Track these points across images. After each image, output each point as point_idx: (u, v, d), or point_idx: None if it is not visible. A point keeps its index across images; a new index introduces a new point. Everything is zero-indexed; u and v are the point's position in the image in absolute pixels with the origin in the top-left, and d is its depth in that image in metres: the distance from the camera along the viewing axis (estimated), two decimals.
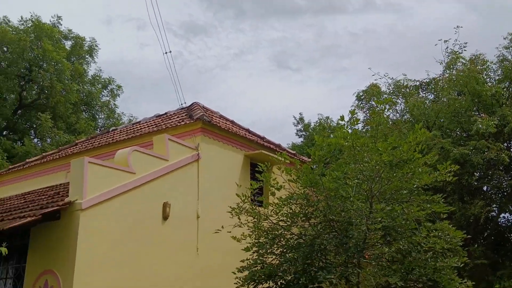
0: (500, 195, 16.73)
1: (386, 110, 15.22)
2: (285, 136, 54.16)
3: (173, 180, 9.70)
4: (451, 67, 15.89)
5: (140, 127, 13.02)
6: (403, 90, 17.04)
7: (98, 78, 26.37)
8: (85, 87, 25.31)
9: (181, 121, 11.23)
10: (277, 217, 6.80)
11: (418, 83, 17.34)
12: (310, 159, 9.16)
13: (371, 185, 6.43)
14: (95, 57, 26.08)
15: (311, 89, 51.98)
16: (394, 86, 17.24)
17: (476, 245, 15.48)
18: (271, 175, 7.42)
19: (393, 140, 6.55)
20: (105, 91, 26.75)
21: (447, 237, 6.60)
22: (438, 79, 16.44)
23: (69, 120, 23.56)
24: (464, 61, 15.56)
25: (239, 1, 53.62)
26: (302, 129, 28.02)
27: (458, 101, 14.98)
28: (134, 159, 9.03)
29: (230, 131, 11.34)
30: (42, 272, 7.95)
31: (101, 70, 26.66)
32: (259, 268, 6.69)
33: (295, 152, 14.52)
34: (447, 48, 16.07)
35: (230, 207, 6.74)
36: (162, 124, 11.88)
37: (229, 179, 10.71)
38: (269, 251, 6.69)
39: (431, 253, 6.46)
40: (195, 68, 52.84)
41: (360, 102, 18.28)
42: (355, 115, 7.45)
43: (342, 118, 6.65)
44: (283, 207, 6.75)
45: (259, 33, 54.24)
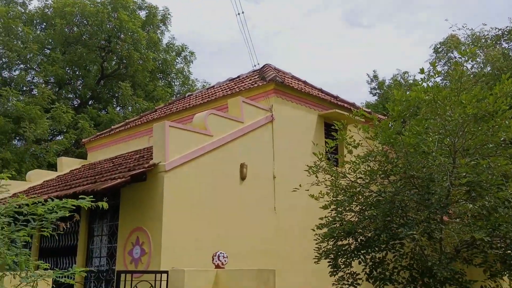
0: None
1: (467, 62, 14.28)
2: (359, 96, 52.83)
3: (249, 141, 9.90)
4: None
5: (214, 91, 13.31)
6: (483, 40, 15.85)
7: (172, 46, 27.07)
8: (160, 55, 26.12)
9: (254, 83, 11.32)
10: (355, 175, 6.76)
11: (500, 32, 16.03)
12: (386, 117, 8.93)
13: (454, 139, 6.17)
14: (168, 26, 26.72)
15: (384, 46, 49.86)
16: (473, 37, 16.08)
17: None
18: (347, 134, 7.33)
19: (478, 92, 6.19)
20: (179, 58, 27.45)
21: None
22: None
23: (147, 88, 24.58)
24: None
25: None
26: (376, 87, 27.15)
27: None
28: (210, 122, 9.30)
29: (303, 91, 11.27)
30: (133, 229, 8.57)
31: (174, 38, 27.36)
32: (338, 225, 6.74)
33: (370, 110, 14.17)
34: None
35: (307, 165, 6.79)
36: (235, 87, 12.05)
37: (303, 139, 10.75)
38: (347, 208, 6.70)
39: None
40: (264, 31, 52.47)
41: (437, 55, 17.29)
42: (435, 67, 7.06)
43: (422, 71, 6.37)
44: (361, 165, 6.68)
45: None
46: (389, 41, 50.08)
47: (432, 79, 6.34)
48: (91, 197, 4.19)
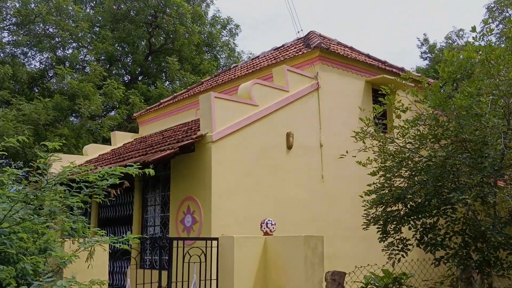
0: None
1: None
2: (409, 62, 50.96)
3: (295, 110, 9.85)
4: None
5: (259, 61, 13.24)
6: None
7: (217, 19, 27.06)
8: (206, 29, 26.20)
9: (298, 51, 11.16)
10: (404, 140, 6.58)
11: None
12: (436, 80, 8.58)
13: (508, 100, 5.85)
14: None
15: (434, 10, 47.47)
16: None
17: None
18: (395, 98, 7.12)
19: None
20: (224, 31, 27.43)
21: None
22: None
23: (194, 61, 24.82)
24: None
25: None
26: (427, 51, 26.05)
27: None
28: (255, 92, 9.30)
29: (349, 57, 11.01)
30: (184, 199, 8.83)
31: (219, 11, 27.32)
32: (387, 191, 6.63)
33: (420, 75, 13.67)
34: None
35: (354, 131, 6.68)
36: (280, 56, 11.93)
37: (350, 107, 10.55)
38: (396, 174, 6.57)
39: None
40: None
41: (491, 14, 16.28)
42: (488, 25, 6.67)
43: (473, 29, 6.03)
44: (410, 130, 6.49)
45: None
46: (441, 4, 47.64)
47: (485, 37, 5.96)
48: (138, 164, 4.32)
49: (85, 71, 22.97)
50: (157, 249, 9.61)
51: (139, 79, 24.90)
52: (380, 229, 6.54)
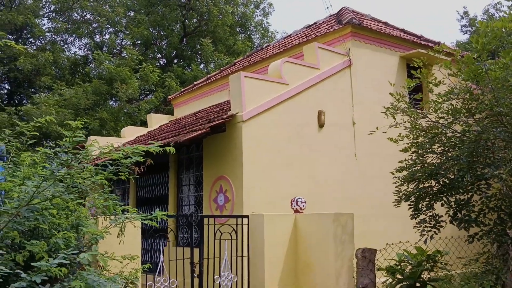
0: None
1: None
2: (449, 37, 49.06)
3: (326, 88, 9.73)
4: None
5: (291, 40, 13.11)
6: None
7: None
8: (239, 9, 26.09)
9: (330, 28, 10.96)
10: (437, 115, 6.40)
11: None
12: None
13: None
14: None
15: None
16: None
17: None
18: (430, 73, 6.91)
19: None
20: (257, 11, 27.24)
21: None
22: None
23: (228, 42, 24.83)
24: None
25: None
26: (467, 24, 24.99)
27: None
28: (286, 70, 9.24)
29: (382, 32, 10.72)
30: (216, 178, 8.96)
31: None
32: (419, 167, 6.49)
33: (457, 48, 13.16)
34: None
35: (384, 107, 6.54)
36: (311, 34, 11.76)
37: (384, 83, 10.27)
38: (429, 150, 6.40)
39: None
40: None
41: None
42: None
43: None
44: (443, 104, 6.29)
45: None
46: None
47: None
48: (160, 143, 4.40)
49: (122, 55, 23.42)
50: (192, 227, 9.84)
51: (175, 62, 25.18)
52: (412, 206, 6.43)
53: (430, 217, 6.29)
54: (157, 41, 25.54)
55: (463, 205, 6.12)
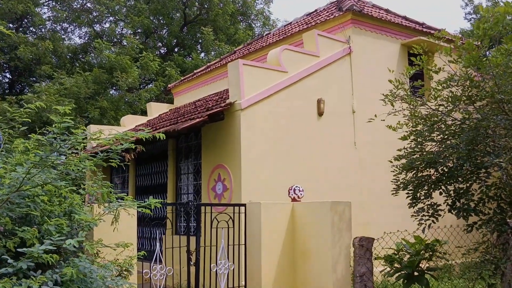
0: None
1: None
2: (453, 24, 48.68)
3: (326, 76, 9.63)
4: None
5: (291, 27, 12.99)
6: None
7: None
8: None
9: (330, 15, 10.84)
10: (436, 103, 6.31)
11: None
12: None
13: None
14: None
15: None
16: None
17: None
18: (431, 60, 6.80)
19: None
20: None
21: None
22: None
23: (229, 31, 24.64)
24: None
25: None
26: (471, 11, 24.72)
27: None
28: (285, 58, 9.14)
29: (383, 19, 10.59)
30: (215, 166, 8.91)
31: None
32: (418, 156, 6.41)
33: (459, 35, 13.01)
34: None
35: (382, 94, 6.46)
36: (312, 21, 11.64)
37: (385, 71, 10.14)
38: (428, 138, 6.33)
39: None
40: None
41: None
42: None
43: None
44: (443, 91, 6.20)
45: None
46: None
47: None
48: (149, 128, 4.32)
49: (123, 44, 23.28)
50: (191, 216, 9.82)
51: (175, 50, 25.03)
52: (410, 195, 6.37)
53: (428, 206, 6.24)
54: (158, 30, 25.37)
55: (462, 194, 6.06)
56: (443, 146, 6.17)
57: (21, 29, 22.26)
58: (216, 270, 6.48)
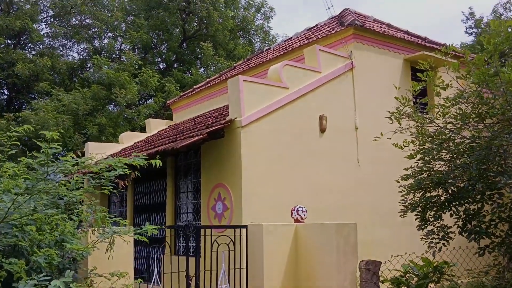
0: None
1: None
2: (454, 38, 48.83)
3: (328, 92, 9.44)
4: None
5: (291, 42, 12.83)
6: None
7: (251, 2, 26.64)
8: (239, 13, 25.85)
9: (331, 30, 10.68)
10: (444, 120, 6.11)
11: None
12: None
13: None
14: None
15: None
16: None
17: None
18: (436, 76, 6.60)
19: None
20: (258, 15, 27.01)
21: None
22: None
23: (228, 46, 24.57)
24: None
25: None
26: (473, 25, 24.68)
27: None
28: (286, 74, 8.95)
29: (385, 34, 10.44)
30: (215, 185, 8.65)
31: None
32: (426, 175, 6.18)
33: (464, 50, 12.86)
34: None
35: (388, 111, 6.25)
36: (312, 36, 11.48)
37: (387, 87, 9.99)
38: (436, 157, 6.10)
39: None
40: None
41: None
42: None
43: None
44: (451, 108, 6.00)
45: None
46: None
47: None
48: (144, 155, 4.08)
49: (122, 60, 23.18)
50: (190, 237, 9.52)
51: (175, 66, 24.92)
52: (418, 216, 6.11)
53: (438, 228, 5.98)
54: (157, 45, 25.30)
55: (473, 215, 5.81)
56: (452, 165, 5.94)
57: (19, 46, 22.16)
58: None
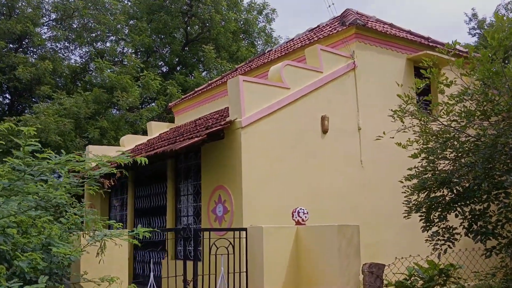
0: None
1: None
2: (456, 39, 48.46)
3: (329, 92, 9.28)
4: None
5: (293, 43, 12.69)
6: None
7: (253, 4, 26.55)
8: (242, 16, 25.77)
9: (333, 30, 10.53)
10: (448, 118, 5.93)
11: None
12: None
13: None
14: None
15: None
16: None
17: None
18: (440, 74, 6.43)
19: None
20: (260, 17, 26.91)
21: None
22: None
23: (231, 49, 24.47)
24: None
25: None
26: (476, 26, 24.46)
27: None
28: (287, 74, 8.80)
29: (388, 33, 10.27)
30: (215, 188, 8.50)
31: None
32: (430, 175, 6.00)
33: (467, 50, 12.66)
34: None
35: (391, 110, 6.08)
36: (314, 36, 11.33)
37: (390, 86, 9.79)
38: (440, 156, 5.92)
39: None
40: None
41: None
42: None
43: None
44: (455, 106, 5.82)
45: None
46: None
47: None
48: (129, 152, 3.93)
49: (124, 63, 23.12)
50: (190, 240, 9.36)
51: (177, 69, 24.84)
52: (423, 217, 5.93)
53: (443, 229, 5.79)
54: (160, 49, 25.23)
55: (479, 216, 5.63)
56: (457, 164, 5.76)
57: (21, 50, 22.14)
58: None
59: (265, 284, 6.04)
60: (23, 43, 22.25)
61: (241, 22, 25.62)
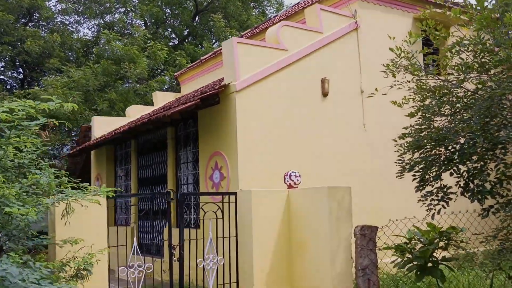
0: None
1: None
2: None
3: (330, 53, 8.92)
4: None
5: (298, 7, 12.24)
6: None
7: None
8: None
9: None
10: (445, 72, 5.57)
11: None
12: None
13: None
14: None
15: None
16: None
17: None
18: (447, 32, 6.01)
19: None
20: None
21: None
22: None
23: (241, 18, 23.97)
24: None
25: None
26: None
27: None
28: (284, 35, 8.48)
29: None
30: (211, 154, 8.35)
31: None
32: (425, 133, 5.68)
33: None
34: None
35: (383, 64, 5.75)
36: None
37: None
38: (436, 113, 5.59)
39: None
40: None
41: None
42: None
43: None
44: (452, 59, 5.45)
45: None
46: None
47: None
48: (55, 97, 3.71)
49: (133, 35, 22.91)
50: (191, 207, 9.31)
51: (187, 40, 24.53)
52: (416, 177, 5.65)
53: (437, 189, 5.51)
54: (169, 20, 24.88)
55: (476, 174, 5.31)
56: (454, 120, 5.43)
57: (32, 24, 22.13)
58: (203, 265, 5.92)
59: (254, 248, 5.91)
60: (34, 16, 22.21)
61: None
